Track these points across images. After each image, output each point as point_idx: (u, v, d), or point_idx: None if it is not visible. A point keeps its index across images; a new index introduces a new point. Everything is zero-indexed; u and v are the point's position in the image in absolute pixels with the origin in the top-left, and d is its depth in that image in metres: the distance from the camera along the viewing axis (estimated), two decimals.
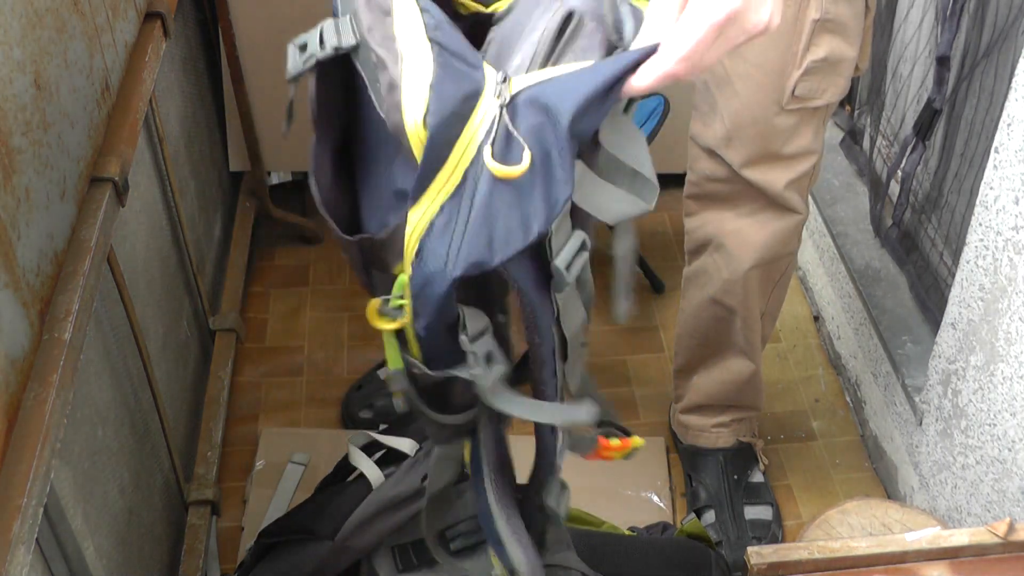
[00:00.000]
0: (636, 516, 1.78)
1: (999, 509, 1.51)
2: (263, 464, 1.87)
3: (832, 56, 1.42)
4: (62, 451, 1.15)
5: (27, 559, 0.90)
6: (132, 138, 1.34)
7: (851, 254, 2.04)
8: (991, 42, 1.61)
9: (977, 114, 1.69)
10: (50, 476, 0.97)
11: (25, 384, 1.00)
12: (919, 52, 1.88)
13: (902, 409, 1.81)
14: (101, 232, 1.18)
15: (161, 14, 1.54)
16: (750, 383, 1.79)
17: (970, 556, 1.17)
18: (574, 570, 1.21)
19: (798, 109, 1.47)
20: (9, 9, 1.05)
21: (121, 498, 1.39)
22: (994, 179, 1.41)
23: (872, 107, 2.11)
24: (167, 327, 1.70)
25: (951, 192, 1.80)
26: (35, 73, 1.11)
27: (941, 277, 1.85)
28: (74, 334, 1.06)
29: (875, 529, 1.49)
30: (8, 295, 0.98)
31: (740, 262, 1.62)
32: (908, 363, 1.81)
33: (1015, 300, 1.39)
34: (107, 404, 1.35)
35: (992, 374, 1.47)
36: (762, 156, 1.52)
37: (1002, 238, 1.41)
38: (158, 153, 1.67)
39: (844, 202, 2.16)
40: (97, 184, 1.23)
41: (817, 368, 2.13)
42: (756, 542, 1.77)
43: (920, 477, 1.74)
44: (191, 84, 2.02)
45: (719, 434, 1.85)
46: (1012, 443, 1.45)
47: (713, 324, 1.71)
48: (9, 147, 1.02)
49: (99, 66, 1.32)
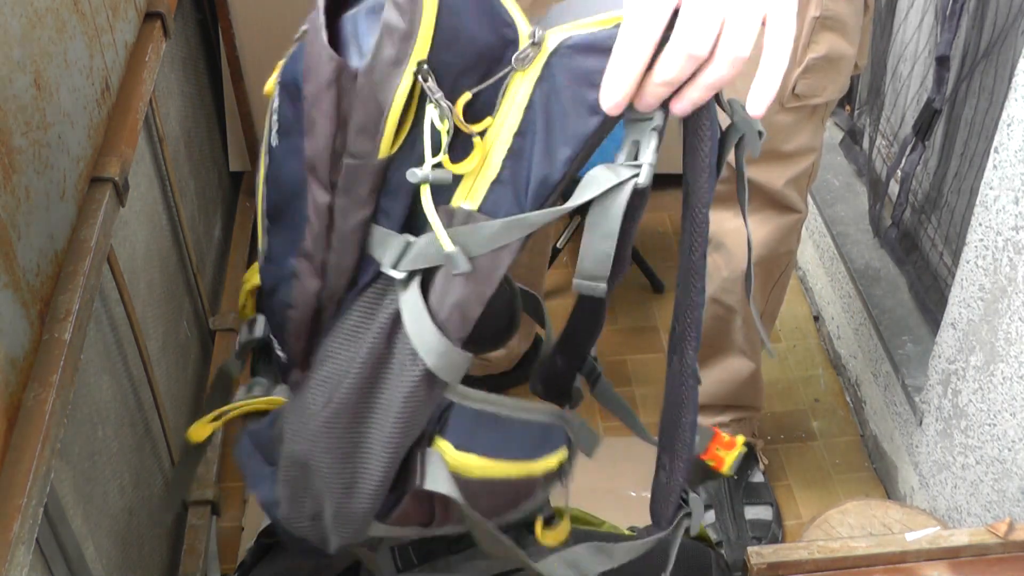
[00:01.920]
0: (636, 516, 1.78)
1: (999, 509, 1.51)
2: None
3: (832, 54, 1.42)
4: (62, 451, 1.15)
5: (27, 559, 0.90)
6: (132, 138, 1.34)
7: (851, 254, 2.04)
8: (991, 42, 1.61)
9: (977, 114, 1.69)
10: (50, 476, 0.97)
11: (25, 384, 1.00)
12: (919, 52, 1.88)
13: (902, 409, 1.81)
14: (101, 232, 1.18)
15: (161, 14, 1.54)
16: (750, 383, 1.79)
17: (970, 556, 1.17)
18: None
19: (798, 107, 1.47)
20: (9, 9, 1.05)
21: (121, 498, 1.39)
22: (994, 179, 1.41)
23: (872, 107, 2.11)
24: (167, 327, 1.70)
25: (951, 192, 1.80)
26: (35, 73, 1.11)
27: (941, 277, 1.85)
28: (74, 334, 1.06)
29: (875, 529, 1.49)
30: (8, 295, 0.98)
31: (740, 261, 1.62)
32: (908, 363, 1.81)
33: (1015, 300, 1.39)
34: (107, 404, 1.35)
35: (992, 374, 1.47)
36: (762, 154, 1.51)
37: (1002, 238, 1.41)
38: (158, 153, 1.67)
39: (844, 202, 2.16)
40: (97, 184, 1.23)
41: (817, 368, 2.13)
42: (756, 542, 1.77)
43: (920, 477, 1.74)
44: (191, 84, 2.02)
45: None
46: (1012, 443, 1.45)
47: (713, 323, 1.71)
48: (9, 147, 1.02)
49: (99, 66, 1.32)
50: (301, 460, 0.87)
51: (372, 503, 0.86)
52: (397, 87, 0.74)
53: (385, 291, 0.82)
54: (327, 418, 0.84)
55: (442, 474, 0.85)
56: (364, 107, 0.75)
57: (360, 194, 0.78)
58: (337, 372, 0.84)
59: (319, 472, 0.86)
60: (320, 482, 0.87)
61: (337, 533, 0.89)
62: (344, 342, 0.84)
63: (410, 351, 0.80)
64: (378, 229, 0.80)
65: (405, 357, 0.81)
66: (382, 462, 0.84)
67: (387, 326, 0.81)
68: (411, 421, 0.82)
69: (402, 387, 0.81)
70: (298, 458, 0.87)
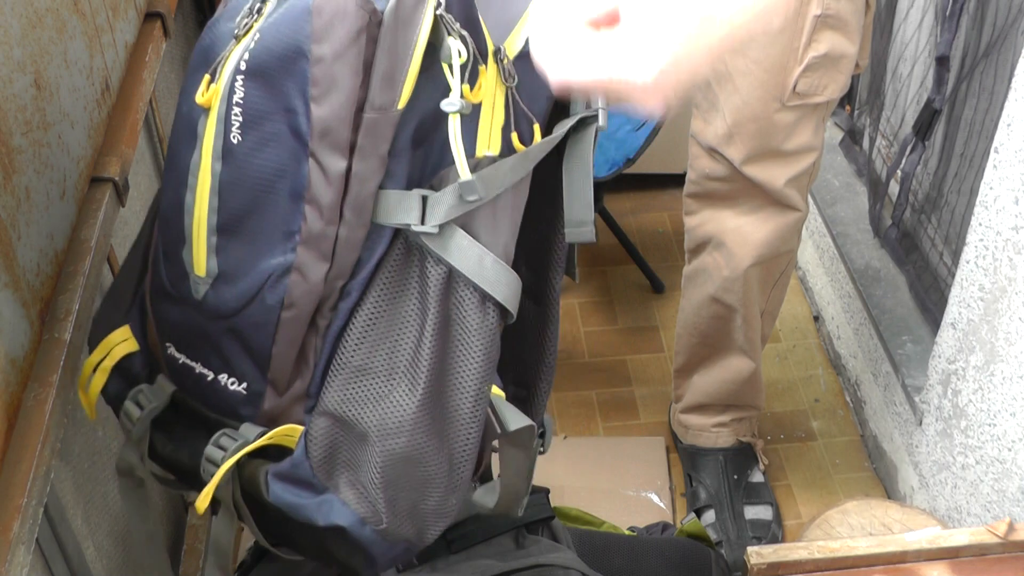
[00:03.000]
0: (636, 516, 1.78)
1: (999, 509, 1.51)
2: None
3: (833, 52, 1.43)
4: (62, 451, 1.15)
5: (27, 559, 0.90)
6: (132, 138, 1.34)
7: (851, 254, 2.04)
8: (991, 42, 1.61)
9: (977, 114, 1.69)
10: (50, 476, 0.97)
11: (25, 384, 1.00)
12: (919, 52, 1.88)
13: (902, 409, 1.81)
14: (101, 232, 1.18)
15: (161, 14, 1.54)
16: (750, 382, 1.79)
17: (970, 556, 1.17)
18: (574, 570, 1.21)
19: (799, 105, 1.47)
20: (9, 9, 1.05)
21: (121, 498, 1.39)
22: (994, 179, 1.41)
23: (872, 107, 2.11)
24: None
25: (951, 192, 1.80)
26: (35, 73, 1.11)
27: (941, 277, 1.85)
28: (74, 334, 1.06)
29: (875, 529, 1.49)
30: (8, 295, 0.98)
31: (740, 260, 1.62)
32: (908, 363, 1.81)
33: (1015, 300, 1.39)
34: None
35: (992, 374, 1.47)
36: (762, 153, 1.52)
37: (1002, 238, 1.41)
38: (158, 153, 1.67)
39: (844, 202, 2.16)
40: (97, 184, 1.23)
41: (817, 368, 2.13)
42: (756, 542, 1.77)
43: (920, 477, 1.74)
44: None
45: (719, 434, 1.85)
46: (1012, 443, 1.45)
47: (713, 322, 1.71)
48: (9, 147, 1.02)
49: (99, 66, 1.32)
50: (403, 456, 0.83)
51: (472, 467, 0.85)
52: (421, 25, 0.75)
53: (406, 262, 0.81)
54: (420, 403, 0.82)
55: (515, 412, 0.86)
56: (390, 53, 0.75)
57: (381, 152, 0.78)
58: (404, 357, 0.82)
59: (423, 459, 0.84)
60: (423, 470, 0.84)
61: (439, 516, 0.87)
62: (387, 328, 0.82)
63: (475, 300, 0.80)
64: (391, 193, 0.79)
65: (470, 308, 0.80)
66: (476, 421, 0.83)
67: (437, 289, 0.80)
68: (492, 368, 0.82)
69: (481, 337, 0.80)
70: (400, 455, 0.83)
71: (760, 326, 1.73)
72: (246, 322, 0.84)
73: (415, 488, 0.85)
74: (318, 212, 0.79)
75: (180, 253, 0.85)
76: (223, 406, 0.88)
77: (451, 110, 0.75)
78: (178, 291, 0.86)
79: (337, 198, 0.79)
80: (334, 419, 0.85)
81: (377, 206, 0.79)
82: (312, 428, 0.86)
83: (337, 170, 0.78)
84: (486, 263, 0.79)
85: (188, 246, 0.84)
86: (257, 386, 0.86)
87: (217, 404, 0.89)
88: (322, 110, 0.76)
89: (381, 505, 0.85)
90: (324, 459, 0.86)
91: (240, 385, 0.86)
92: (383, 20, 0.74)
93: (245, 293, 0.83)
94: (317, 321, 0.84)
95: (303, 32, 0.75)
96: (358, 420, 0.84)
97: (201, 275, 0.84)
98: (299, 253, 0.80)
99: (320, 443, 0.86)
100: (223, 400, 0.88)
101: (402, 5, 0.74)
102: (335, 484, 0.86)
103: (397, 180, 0.79)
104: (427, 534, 0.88)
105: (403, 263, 0.81)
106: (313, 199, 0.79)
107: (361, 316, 0.82)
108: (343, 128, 0.77)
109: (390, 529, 0.86)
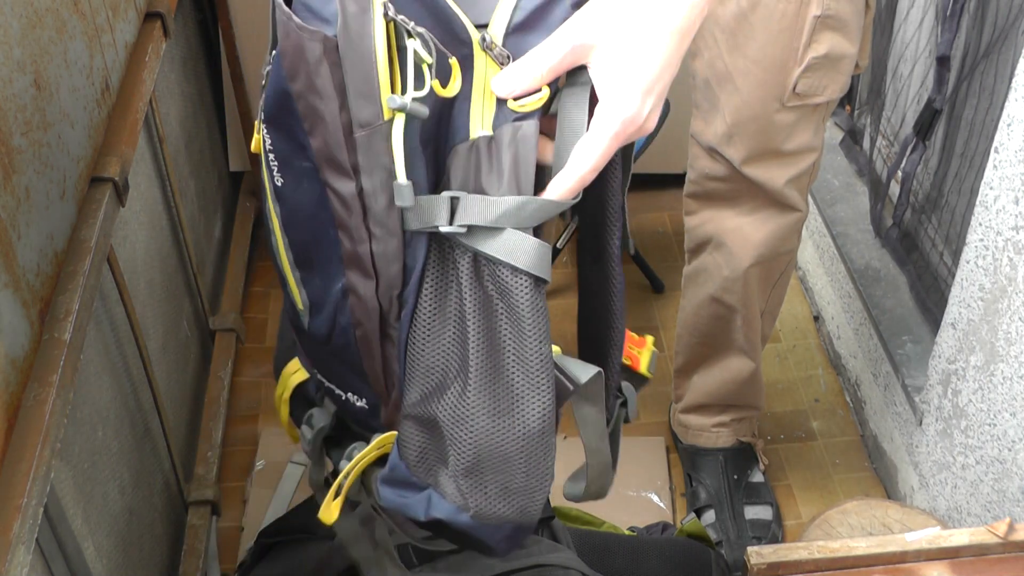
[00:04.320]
0: (636, 516, 1.78)
1: (999, 509, 1.51)
2: (263, 464, 1.87)
3: (833, 53, 1.43)
4: (62, 451, 1.15)
5: (27, 559, 0.90)
6: (132, 138, 1.34)
7: (851, 254, 2.04)
8: (991, 42, 1.61)
9: (977, 114, 1.69)
10: (50, 476, 0.97)
11: (25, 384, 1.00)
12: (919, 52, 1.88)
13: (902, 409, 1.81)
14: (101, 232, 1.18)
15: (161, 14, 1.54)
16: (750, 382, 1.79)
17: (970, 556, 1.17)
18: (574, 570, 1.21)
19: (799, 106, 1.47)
20: (9, 9, 1.05)
21: (121, 498, 1.39)
22: (994, 179, 1.41)
23: (872, 107, 2.11)
24: (167, 327, 1.70)
25: (951, 192, 1.80)
26: (35, 73, 1.11)
27: (941, 277, 1.85)
28: (74, 334, 1.06)
29: (875, 529, 1.49)
30: (8, 295, 0.98)
31: (740, 260, 1.62)
32: (908, 363, 1.81)
33: (1015, 300, 1.39)
34: (107, 404, 1.35)
35: (992, 374, 1.47)
36: (762, 153, 1.52)
37: (1002, 238, 1.41)
38: (158, 153, 1.67)
39: (844, 202, 2.16)
40: (97, 184, 1.23)
41: (817, 368, 2.13)
42: (756, 542, 1.77)
43: (920, 477, 1.74)
44: (191, 84, 2.02)
45: (719, 434, 1.85)
46: (1012, 443, 1.45)
47: (713, 322, 1.71)
48: (9, 147, 1.02)
49: (99, 66, 1.32)
50: (472, 442, 0.87)
51: (553, 438, 0.87)
52: (374, 36, 0.75)
53: (442, 258, 0.83)
54: (476, 388, 0.85)
55: (579, 364, 0.88)
56: (355, 70, 0.76)
57: (384, 164, 0.79)
58: (455, 348, 0.85)
59: (493, 442, 0.86)
60: (498, 451, 0.87)
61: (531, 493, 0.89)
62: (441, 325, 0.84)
63: (504, 274, 0.81)
64: (416, 199, 0.80)
65: (502, 283, 0.81)
66: (542, 388, 0.84)
67: (468, 274, 0.82)
68: (543, 334, 0.83)
69: (523, 308, 0.81)
70: (469, 442, 0.87)
71: (760, 326, 1.73)
72: (337, 345, 0.90)
73: (498, 470, 0.88)
74: (348, 234, 0.83)
75: (287, 290, 0.93)
76: (360, 420, 0.97)
77: (393, 106, 0.76)
78: (297, 324, 0.95)
79: (359, 218, 0.82)
80: (416, 420, 0.89)
81: (407, 214, 0.81)
82: (402, 432, 0.91)
83: (348, 192, 0.80)
84: (505, 237, 0.81)
85: (287, 283, 0.92)
86: (372, 400, 0.93)
87: (356, 419, 0.97)
88: (317, 141, 0.80)
89: (468, 491, 0.89)
90: (418, 459, 0.91)
91: (362, 401, 0.94)
92: (337, 43, 0.76)
93: (328, 319, 0.89)
94: (390, 333, 0.87)
95: (281, 75, 0.79)
96: (432, 416, 0.88)
97: (301, 309, 0.92)
98: (348, 275, 0.85)
99: (410, 444, 0.90)
100: (357, 415, 0.96)
101: (347, 24, 0.75)
102: (435, 480, 0.91)
103: (419, 184, 0.80)
104: (528, 512, 0.91)
105: (440, 260, 0.84)
106: (341, 223, 0.83)
107: (418, 320, 0.85)
108: (340, 152, 0.79)
109: (483, 513, 0.90)
